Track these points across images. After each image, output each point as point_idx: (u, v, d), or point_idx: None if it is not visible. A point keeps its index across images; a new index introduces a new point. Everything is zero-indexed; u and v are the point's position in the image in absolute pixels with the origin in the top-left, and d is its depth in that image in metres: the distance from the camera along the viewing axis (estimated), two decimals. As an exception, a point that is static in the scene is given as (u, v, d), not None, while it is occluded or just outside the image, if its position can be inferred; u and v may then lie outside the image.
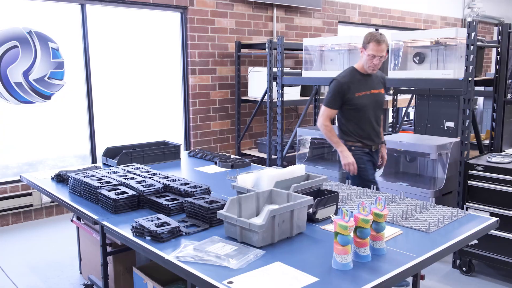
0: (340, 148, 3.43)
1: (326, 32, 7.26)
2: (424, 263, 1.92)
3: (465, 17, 10.23)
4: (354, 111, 3.42)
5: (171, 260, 1.89)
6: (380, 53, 3.29)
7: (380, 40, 3.27)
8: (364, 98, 3.40)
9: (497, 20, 10.94)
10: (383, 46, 3.28)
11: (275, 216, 2.02)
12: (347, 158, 3.39)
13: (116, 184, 2.74)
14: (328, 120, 3.47)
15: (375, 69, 3.37)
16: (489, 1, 10.73)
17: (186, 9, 5.61)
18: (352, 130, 3.46)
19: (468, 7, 10.22)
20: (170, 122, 5.89)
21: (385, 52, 3.31)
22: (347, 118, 3.47)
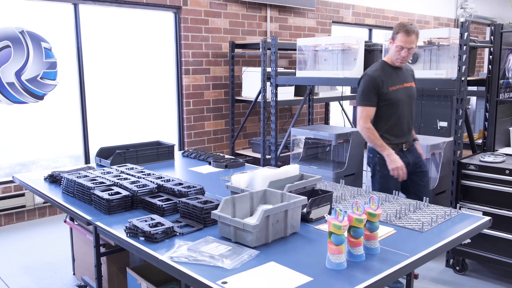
0: (386, 151, 3.15)
1: (320, 32, 7.27)
2: (418, 262, 1.92)
3: (458, 17, 10.29)
4: (387, 106, 3.19)
5: (165, 261, 1.89)
6: (409, 44, 3.08)
7: (410, 30, 3.06)
8: (398, 92, 3.20)
9: (489, 21, 11.01)
10: (412, 37, 3.06)
11: (269, 216, 2.02)
12: (395, 162, 3.12)
13: (110, 184, 2.72)
14: (368, 121, 3.20)
15: (404, 61, 3.18)
16: (482, 2, 10.80)
17: (179, 9, 5.60)
18: (383, 128, 3.21)
19: (461, 8, 10.28)
20: (164, 122, 5.88)
21: (414, 44, 3.10)
22: (379, 115, 3.22)
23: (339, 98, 6.49)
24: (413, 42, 3.08)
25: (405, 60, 3.17)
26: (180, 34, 5.67)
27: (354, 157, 4.46)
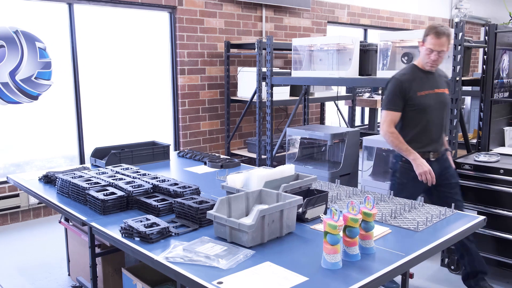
0: (412, 156, 3.00)
1: (315, 32, 7.28)
2: (413, 261, 1.93)
3: (453, 17, 10.33)
4: (415, 112, 3.02)
5: (160, 261, 1.88)
6: (438, 47, 2.88)
7: (440, 32, 2.86)
8: (427, 97, 3.02)
9: (484, 21, 11.06)
10: (443, 39, 2.87)
11: (265, 216, 2.02)
12: (421, 166, 2.97)
13: (105, 185, 2.72)
14: (392, 126, 3.05)
15: (434, 65, 2.99)
16: (476, 2, 10.84)
17: (175, 9, 5.59)
18: (409, 135, 3.04)
19: (456, 8, 10.32)
20: (159, 122, 5.87)
21: (446, 46, 2.89)
22: (406, 121, 3.06)
23: (335, 98, 6.50)
24: (444, 44, 2.88)
25: (436, 64, 2.98)
26: (175, 34, 5.66)
27: (350, 157, 4.46)
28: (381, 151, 4.14)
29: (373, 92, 7.84)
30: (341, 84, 4.98)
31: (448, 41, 2.91)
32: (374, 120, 7.69)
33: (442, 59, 2.95)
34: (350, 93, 6.95)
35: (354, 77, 4.36)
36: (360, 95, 7.68)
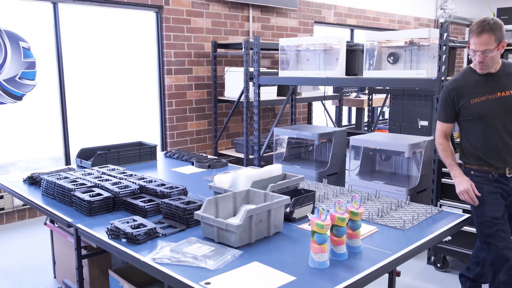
0: (453, 172, 2.75)
1: (302, 32, 7.30)
2: (400, 260, 1.95)
3: (438, 18, 10.44)
4: (470, 122, 2.69)
5: (147, 262, 1.87)
6: (480, 46, 2.49)
7: (479, 30, 2.48)
8: (484, 104, 2.62)
9: (468, 21, 11.19)
10: (483, 37, 2.47)
11: (252, 216, 2.02)
12: (460, 184, 2.70)
13: (91, 186, 2.69)
14: (442, 137, 2.81)
15: (483, 68, 2.58)
16: (461, 3, 10.97)
17: (161, 8, 5.56)
18: (471, 147, 2.72)
19: (441, 8, 10.43)
20: (146, 123, 5.83)
21: (491, 45, 2.47)
22: (466, 133, 2.76)
23: (322, 98, 6.53)
24: (486, 43, 2.47)
25: (484, 66, 2.56)
26: (162, 33, 5.63)
27: (337, 156, 4.48)
28: (368, 150, 4.17)
29: (360, 92, 7.89)
30: (327, 84, 5.00)
31: (492, 38, 2.46)
32: (361, 120, 7.74)
33: (491, 59, 2.53)
34: (337, 93, 6.98)
35: (340, 77, 4.38)
36: (347, 95, 7.72)
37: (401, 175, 4.07)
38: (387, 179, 4.01)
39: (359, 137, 4.17)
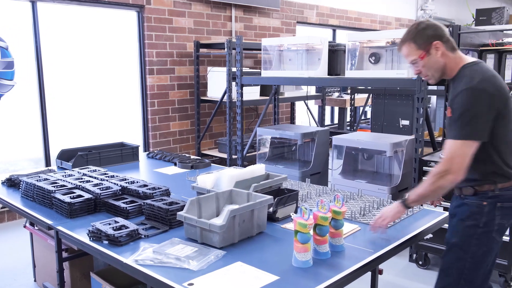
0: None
1: (285, 32, 7.32)
2: (382, 258, 1.96)
3: (418, 18, 10.57)
4: None
5: (129, 264, 1.85)
6: (406, 59, 2.19)
7: (399, 42, 2.19)
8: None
9: (448, 22, 11.35)
10: (403, 50, 2.15)
11: (236, 216, 2.01)
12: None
13: (71, 187, 2.65)
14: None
15: (426, 79, 2.23)
16: (441, 3, 11.13)
17: (142, 7, 5.52)
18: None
19: (421, 9, 10.57)
20: (128, 123, 5.78)
21: (413, 55, 2.12)
22: None
23: (304, 98, 6.55)
24: (408, 54, 2.14)
25: (425, 77, 2.19)
26: (143, 33, 5.58)
27: (320, 156, 4.51)
28: (350, 149, 4.20)
29: (342, 92, 7.94)
30: (310, 84, 5.02)
31: (414, 46, 2.11)
32: (343, 119, 7.79)
33: (428, 68, 2.13)
34: (320, 92, 7.01)
35: (323, 77, 4.40)
36: (330, 94, 7.77)
37: (383, 174, 4.10)
38: (369, 178, 4.04)
39: (341, 137, 4.20)
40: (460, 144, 1.97)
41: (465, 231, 2.09)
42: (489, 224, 2.05)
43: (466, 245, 2.08)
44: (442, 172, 1.97)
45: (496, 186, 2.04)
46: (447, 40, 2.10)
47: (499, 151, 2.04)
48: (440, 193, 2.08)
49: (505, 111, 2.00)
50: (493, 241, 2.06)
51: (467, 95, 1.96)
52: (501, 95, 1.99)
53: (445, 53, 2.09)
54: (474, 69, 2.03)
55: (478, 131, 1.96)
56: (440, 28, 2.12)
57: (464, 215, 2.11)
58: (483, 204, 2.05)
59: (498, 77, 2.03)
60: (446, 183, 1.98)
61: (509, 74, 5.27)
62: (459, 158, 1.95)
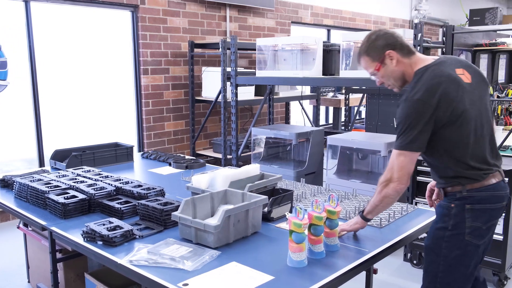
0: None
1: (279, 32, 7.32)
2: (377, 257, 1.97)
3: (412, 18, 10.61)
4: None
5: (124, 264, 1.85)
6: (368, 72, 2.17)
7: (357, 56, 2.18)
8: None
9: (442, 22, 11.41)
10: (362, 63, 2.16)
11: (230, 216, 2.01)
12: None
13: (65, 188, 2.64)
14: None
15: (391, 88, 2.17)
16: (435, 4, 11.17)
17: (137, 7, 5.50)
18: None
19: (415, 9, 10.60)
20: (123, 123, 5.76)
21: (371, 67, 2.12)
22: None
23: (299, 98, 6.56)
24: (366, 67, 2.14)
25: (388, 86, 2.17)
26: (137, 33, 5.57)
27: (314, 156, 4.51)
28: (345, 149, 4.21)
29: (337, 92, 7.95)
30: (305, 84, 5.03)
31: (369, 58, 2.10)
32: (338, 119, 7.80)
33: (387, 78, 2.11)
34: (314, 92, 7.02)
35: (317, 77, 4.41)
36: (324, 94, 7.78)
37: (377, 174, 4.11)
38: (364, 178, 4.05)
39: (336, 137, 4.21)
40: (397, 154, 1.98)
41: (435, 233, 2.07)
42: (458, 226, 1.99)
43: (437, 248, 2.05)
44: (385, 182, 2.01)
45: (464, 187, 2.00)
46: (400, 47, 2.06)
47: (456, 156, 1.98)
48: (389, 202, 2.04)
49: (449, 118, 1.92)
50: (468, 244, 1.99)
51: (403, 106, 1.96)
52: (444, 103, 1.90)
53: (400, 60, 2.06)
54: (420, 77, 1.97)
55: (412, 143, 1.93)
56: (391, 36, 2.08)
57: (436, 217, 2.12)
58: (451, 206, 2.01)
59: (449, 81, 1.93)
60: (390, 192, 2.00)
61: (503, 74, 5.30)
62: (397, 167, 1.97)
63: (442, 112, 1.91)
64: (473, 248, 2.00)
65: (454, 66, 2.03)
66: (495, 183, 2.01)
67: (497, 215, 2.04)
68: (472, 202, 1.99)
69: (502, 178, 2.05)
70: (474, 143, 1.98)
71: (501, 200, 2.03)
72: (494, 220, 2.04)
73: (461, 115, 1.94)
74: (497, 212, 2.03)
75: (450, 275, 2.02)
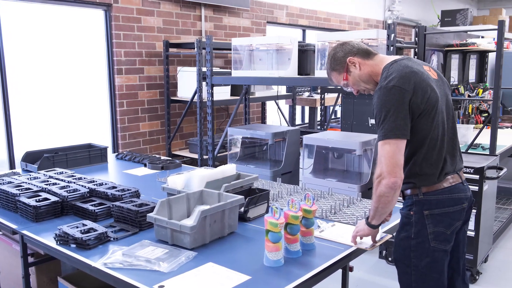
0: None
1: (255, 32, 7.32)
2: (352, 255, 1.99)
3: (386, 19, 10.77)
4: None
5: (98, 267, 1.82)
6: (339, 85, 2.22)
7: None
8: None
9: (414, 23, 11.62)
10: (332, 78, 2.22)
11: (207, 216, 2.00)
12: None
13: (37, 190, 2.58)
14: None
15: (365, 93, 2.21)
16: (408, 5, 11.37)
17: (110, 6, 5.42)
18: None
19: (389, 10, 10.76)
20: (97, 124, 5.67)
21: (341, 80, 2.16)
22: None
23: (275, 97, 6.58)
24: (337, 81, 2.19)
25: (363, 92, 2.20)
26: (111, 32, 5.48)
27: (291, 155, 4.53)
28: (321, 148, 4.24)
29: (313, 91, 8.00)
30: (280, 84, 5.04)
31: (335, 73, 2.16)
32: (314, 119, 7.86)
33: (357, 85, 2.14)
34: (290, 92, 7.05)
35: (293, 77, 4.43)
36: (300, 94, 7.82)
37: (353, 173, 4.16)
38: (339, 177, 4.09)
39: (312, 136, 4.23)
40: (381, 145, 1.90)
41: (401, 244, 2.05)
42: (421, 234, 1.97)
43: (406, 259, 2.02)
44: (377, 179, 1.91)
45: (420, 190, 1.97)
46: (359, 51, 2.09)
47: (419, 149, 1.95)
48: (386, 201, 1.90)
49: (425, 107, 1.90)
50: (435, 250, 1.97)
51: (379, 95, 1.92)
52: (419, 91, 1.89)
53: (363, 63, 2.08)
54: (391, 68, 1.97)
55: (395, 129, 1.86)
56: (348, 44, 2.13)
57: (398, 227, 2.10)
58: (410, 214, 2.00)
59: (420, 73, 1.94)
60: (383, 189, 1.88)
61: (473, 74, 5.43)
62: (385, 160, 1.87)
63: (420, 99, 1.88)
64: (441, 254, 1.99)
65: (421, 63, 2.07)
66: (452, 186, 1.99)
67: (458, 218, 2.01)
68: (430, 207, 1.97)
69: (461, 181, 2.03)
70: (441, 140, 1.97)
71: (460, 203, 2.00)
72: (456, 223, 2.00)
73: (435, 105, 1.93)
74: (458, 214, 2.00)
75: (424, 283, 2.01)
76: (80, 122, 5.52)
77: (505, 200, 5.12)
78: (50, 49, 5.18)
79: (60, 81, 5.31)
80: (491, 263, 3.87)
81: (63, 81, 5.34)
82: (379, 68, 2.05)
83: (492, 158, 3.61)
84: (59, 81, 5.30)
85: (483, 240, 3.55)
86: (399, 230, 2.08)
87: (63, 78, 5.33)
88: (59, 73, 5.29)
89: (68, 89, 5.40)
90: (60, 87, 5.33)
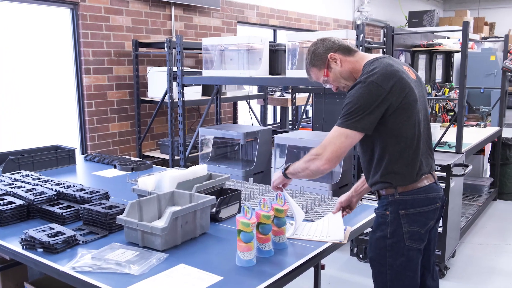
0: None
1: (226, 32, 7.30)
2: (324, 253, 2.00)
3: (355, 20, 10.92)
4: None
5: (66, 272, 1.77)
6: (318, 81, 2.25)
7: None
8: None
9: (383, 23, 11.82)
10: (311, 75, 2.25)
11: (178, 217, 1.98)
12: None
13: (1, 193, 2.50)
14: None
15: (343, 90, 2.17)
16: (376, 6, 11.56)
17: (77, 5, 5.31)
18: None
19: (358, 11, 10.92)
20: (64, 125, 5.54)
21: (320, 76, 2.19)
22: None
23: (247, 97, 6.58)
24: (316, 77, 2.22)
25: (343, 90, 2.17)
26: (78, 31, 5.37)
27: (262, 155, 4.54)
28: (292, 148, 4.26)
29: (284, 91, 8.04)
30: (251, 83, 5.04)
31: (315, 69, 2.18)
32: (285, 118, 7.89)
33: (337, 82, 2.15)
34: (262, 92, 7.07)
35: (264, 77, 4.44)
36: (272, 94, 7.84)
37: (324, 171, 4.19)
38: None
39: (284, 136, 4.26)
40: (338, 133, 1.94)
41: (376, 243, 2.07)
42: (396, 233, 2.00)
43: (381, 258, 2.05)
44: (314, 156, 1.96)
45: (396, 190, 1.99)
46: (340, 48, 2.11)
47: (393, 146, 1.96)
48: (309, 174, 2.01)
49: (402, 105, 1.92)
50: (410, 249, 2.00)
51: (357, 88, 1.93)
52: (398, 89, 1.90)
53: (344, 59, 2.10)
54: (372, 65, 1.98)
55: (359, 122, 1.89)
56: (328, 40, 2.15)
57: (373, 226, 2.13)
58: (386, 214, 2.02)
59: (401, 72, 1.95)
60: (313, 167, 1.95)
61: (439, 74, 5.56)
62: (333, 146, 1.92)
63: (395, 97, 1.90)
64: (416, 253, 2.02)
65: (401, 63, 2.09)
66: (427, 186, 2.02)
67: (432, 217, 2.04)
68: (406, 206, 1.99)
69: (435, 180, 2.07)
70: (417, 140, 1.99)
71: (434, 202, 2.03)
72: (430, 222, 2.04)
73: (412, 105, 1.95)
74: (432, 214, 2.04)
75: (399, 282, 2.04)
76: (46, 123, 5.38)
77: (471, 197, 5.27)
78: (15, 48, 5.03)
79: (26, 81, 5.16)
80: (458, 258, 3.97)
81: (29, 81, 5.20)
82: (360, 65, 2.05)
83: (458, 156, 3.71)
84: (24, 81, 5.15)
85: (450, 236, 3.64)
86: (374, 230, 2.11)
87: (28, 78, 5.19)
88: (24, 73, 5.15)
89: (34, 89, 5.25)
90: (26, 87, 5.18)
